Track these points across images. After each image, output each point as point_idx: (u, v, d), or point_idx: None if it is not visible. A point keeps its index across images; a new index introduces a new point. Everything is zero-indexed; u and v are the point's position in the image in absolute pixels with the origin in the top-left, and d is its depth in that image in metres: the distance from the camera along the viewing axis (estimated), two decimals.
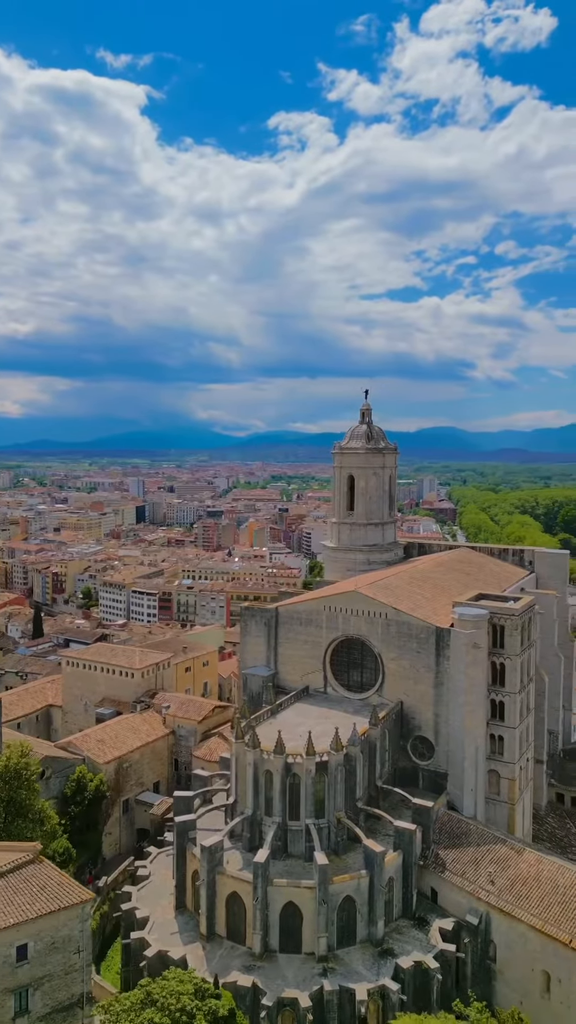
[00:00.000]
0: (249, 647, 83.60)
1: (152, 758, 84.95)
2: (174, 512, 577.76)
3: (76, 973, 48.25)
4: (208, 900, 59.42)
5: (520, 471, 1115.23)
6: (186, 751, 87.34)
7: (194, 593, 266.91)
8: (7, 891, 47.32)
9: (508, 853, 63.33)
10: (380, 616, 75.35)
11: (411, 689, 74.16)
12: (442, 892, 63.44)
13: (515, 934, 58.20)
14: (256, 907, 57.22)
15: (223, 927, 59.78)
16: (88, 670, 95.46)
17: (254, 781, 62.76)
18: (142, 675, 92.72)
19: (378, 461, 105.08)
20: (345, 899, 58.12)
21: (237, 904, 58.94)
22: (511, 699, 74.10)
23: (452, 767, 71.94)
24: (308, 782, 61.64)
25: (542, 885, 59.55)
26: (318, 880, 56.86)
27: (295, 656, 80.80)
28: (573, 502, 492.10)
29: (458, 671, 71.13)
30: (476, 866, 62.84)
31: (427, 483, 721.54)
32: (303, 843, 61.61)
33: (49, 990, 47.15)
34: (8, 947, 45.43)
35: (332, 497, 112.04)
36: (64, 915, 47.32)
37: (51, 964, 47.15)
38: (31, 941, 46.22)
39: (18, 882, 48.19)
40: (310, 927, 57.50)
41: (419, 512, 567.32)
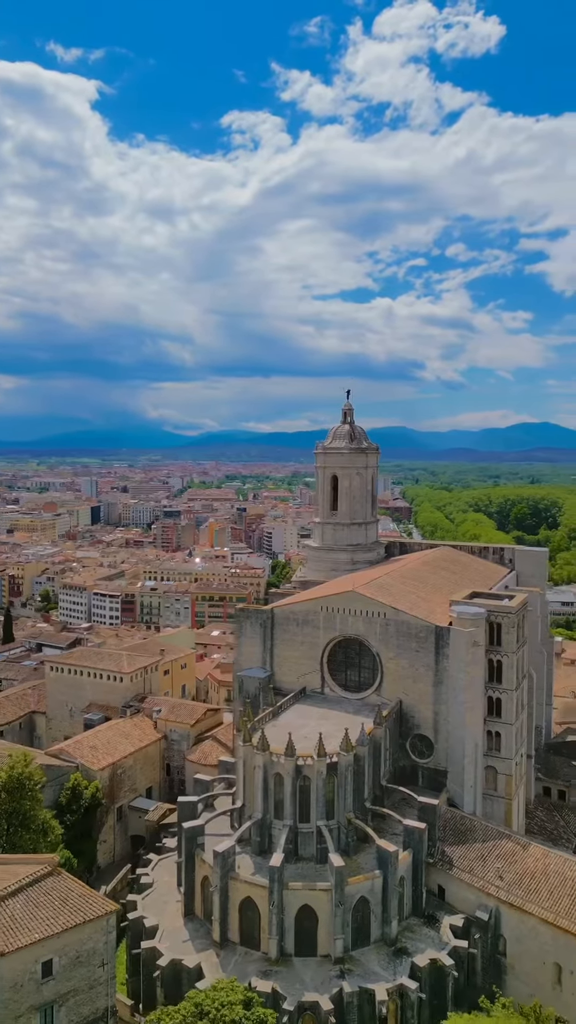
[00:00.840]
0: (244, 649, 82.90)
1: (145, 763, 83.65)
2: (130, 512, 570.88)
3: (100, 987, 47.18)
4: (221, 906, 58.73)
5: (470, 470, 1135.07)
6: (179, 756, 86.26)
7: (158, 595, 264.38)
8: (28, 905, 45.98)
9: (514, 848, 64.15)
10: (379, 616, 75.55)
11: (410, 688, 74.54)
12: (450, 889, 63.90)
13: (526, 928, 58.96)
14: (272, 911, 56.78)
15: (236, 933, 59.16)
16: (73, 675, 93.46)
17: (263, 784, 62.24)
18: (131, 679, 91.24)
19: (361, 461, 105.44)
20: (359, 900, 58.13)
21: (251, 909, 58.39)
22: (508, 696, 75.14)
23: (452, 764, 72.53)
24: (319, 784, 61.42)
25: (550, 879, 60.46)
26: (334, 882, 56.72)
27: (292, 657, 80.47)
28: (525, 500, 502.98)
29: (458, 669, 71.76)
30: (483, 862, 63.49)
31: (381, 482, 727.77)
32: (314, 845, 61.34)
33: (74, 1005, 45.98)
34: (34, 963, 44.16)
35: (316, 497, 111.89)
36: (89, 928, 46.22)
37: (76, 979, 45.98)
38: (56, 956, 45.02)
39: (39, 895, 46.87)
40: (326, 929, 57.31)
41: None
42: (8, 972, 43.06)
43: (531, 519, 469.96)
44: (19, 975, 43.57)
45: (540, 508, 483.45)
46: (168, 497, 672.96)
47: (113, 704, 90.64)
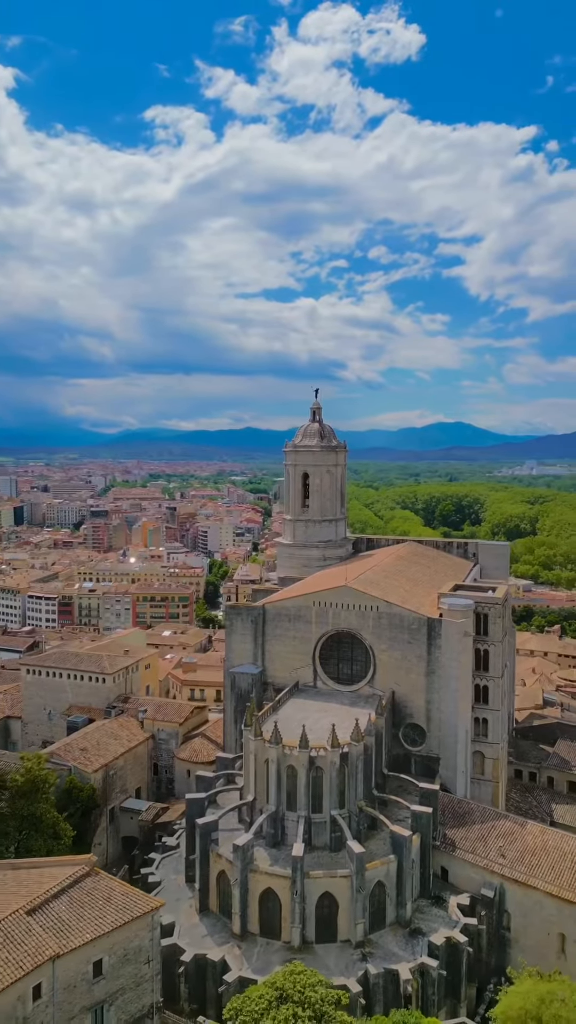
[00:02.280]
0: (235, 645, 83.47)
1: (134, 764, 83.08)
2: (54, 512, 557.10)
3: (146, 984, 47.23)
4: (241, 899, 59.41)
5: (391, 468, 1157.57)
6: (167, 755, 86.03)
7: (97, 596, 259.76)
8: (74, 906, 45.62)
9: (512, 827, 67.31)
10: (371, 609, 77.55)
11: (403, 679, 76.86)
12: (453, 870, 66.46)
13: (530, 902, 62.07)
14: (295, 901, 57.88)
15: (256, 925, 59.96)
16: (52, 677, 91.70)
17: (277, 777, 63.21)
18: (114, 680, 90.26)
19: (331, 459, 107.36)
20: (376, 885, 59.91)
21: (271, 900, 59.32)
22: (495, 683, 78.46)
23: (444, 751, 75.29)
24: (332, 774, 62.85)
25: (550, 854, 63.81)
26: (355, 868, 58.30)
27: (283, 652, 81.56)
28: (449, 498, 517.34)
29: (450, 659, 74.53)
30: (484, 842, 66.36)
31: None
32: (328, 834, 62.70)
33: (122, 1003, 45.91)
34: (86, 964, 43.88)
35: (286, 494, 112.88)
36: (135, 925, 46.22)
37: (124, 977, 45.91)
38: (106, 955, 44.86)
39: (81, 896, 46.53)
40: (346, 915, 58.84)
41: None
42: (62, 974, 42.69)
43: (455, 515, 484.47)
44: (72, 976, 43.26)
45: (464, 505, 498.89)
46: (93, 496, 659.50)
47: (96, 706, 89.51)
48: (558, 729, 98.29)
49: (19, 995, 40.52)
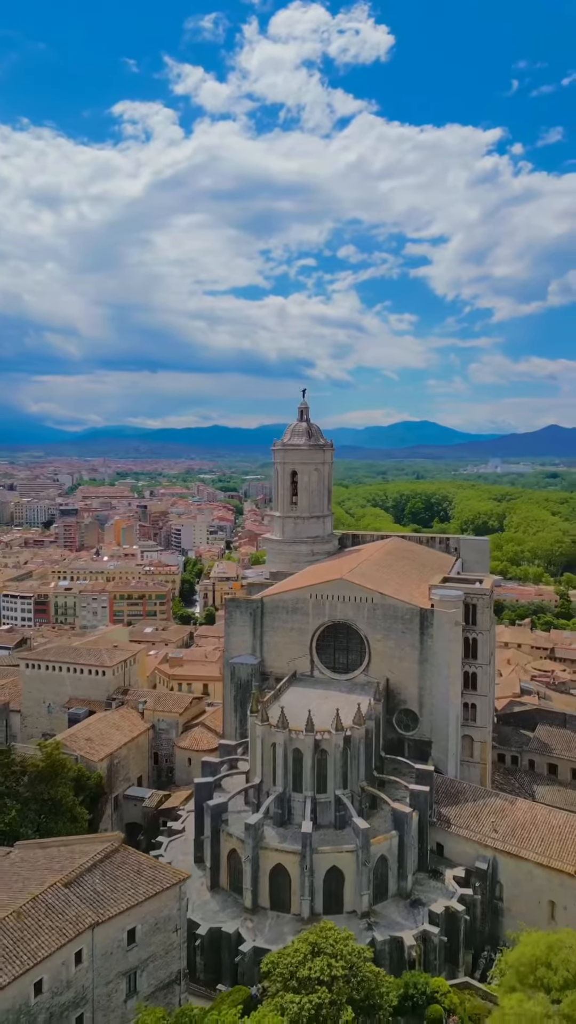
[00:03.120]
0: (234, 637, 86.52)
1: (136, 753, 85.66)
2: (23, 511, 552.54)
3: (174, 951, 50.21)
4: (252, 875, 62.61)
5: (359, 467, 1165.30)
6: (167, 744, 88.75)
7: (73, 595, 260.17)
8: (106, 879, 48.43)
9: (503, 805, 71.49)
10: (366, 601, 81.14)
11: (396, 667, 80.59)
12: (448, 845, 70.42)
13: (522, 873, 66.24)
14: (304, 875, 61.25)
15: (266, 899, 63.22)
16: (52, 671, 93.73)
17: (284, 760, 66.47)
18: (113, 673, 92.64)
19: (319, 457, 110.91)
20: (379, 859, 63.55)
21: (281, 875, 62.62)
22: (483, 670, 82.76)
23: (436, 735, 79.20)
24: (336, 756, 66.33)
25: (539, 828, 68.05)
26: (360, 843, 61.87)
27: (281, 643, 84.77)
28: (418, 495, 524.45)
29: (442, 647, 78.47)
30: (477, 818, 70.42)
31: None
32: (332, 813, 66.15)
33: (153, 970, 48.86)
34: (120, 932, 46.76)
35: (274, 492, 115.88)
36: (165, 896, 49.17)
37: (154, 945, 48.85)
38: (139, 924, 47.76)
39: (113, 869, 49.37)
40: (351, 887, 62.40)
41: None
42: (101, 941, 45.50)
43: (425, 513, 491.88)
44: (109, 943, 46.09)
45: (433, 502, 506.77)
46: (61, 495, 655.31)
47: (96, 698, 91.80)
48: (538, 715, 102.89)
49: (63, 960, 43.31)
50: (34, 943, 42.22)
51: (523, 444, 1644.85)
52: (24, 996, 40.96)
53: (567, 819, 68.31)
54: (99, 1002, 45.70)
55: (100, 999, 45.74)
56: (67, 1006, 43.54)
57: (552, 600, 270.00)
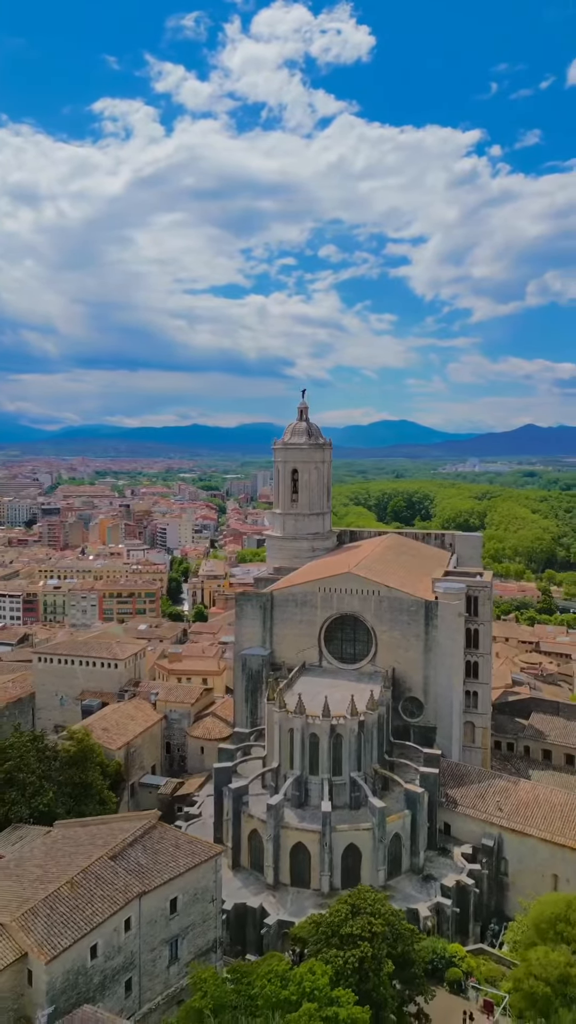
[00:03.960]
0: (244, 629, 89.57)
1: (150, 743, 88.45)
2: (4, 510, 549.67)
3: (211, 920, 53.23)
4: (274, 853, 65.82)
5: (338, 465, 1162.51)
6: (179, 734, 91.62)
7: (62, 593, 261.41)
8: (148, 852, 51.32)
9: (506, 785, 75.32)
10: (373, 594, 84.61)
11: (402, 657, 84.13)
12: (455, 824, 74.12)
13: (526, 848, 70.08)
14: (324, 852, 64.60)
15: (287, 876, 66.48)
16: (64, 664, 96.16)
17: (301, 744, 69.73)
18: (125, 665, 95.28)
19: (319, 456, 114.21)
20: (394, 836, 67.05)
21: (301, 853, 65.93)
22: (484, 659, 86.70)
23: (440, 721, 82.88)
24: (351, 740, 69.73)
25: (542, 806, 71.93)
26: (377, 821, 65.36)
27: (290, 635, 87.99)
28: (400, 494, 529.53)
29: (446, 637, 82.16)
30: (483, 799, 74.19)
31: (261, 478, 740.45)
32: (348, 794, 69.60)
33: (192, 938, 51.84)
34: (164, 901, 49.67)
35: (275, 489, 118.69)
36: (203, 868, 52.15)
37: (194, 914, 51.84)
38: (180, 894, 50.70)
39: (153, 843, 52.25)
40: (368, 863, 65.86)
41: (259, 506, 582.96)
42: (147, 909, 48.41)
43: (407, 511, 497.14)
44: (154, 912, 49.00)
45: (414, 501, 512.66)
46: (41, 494, 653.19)
47: (108, 690, 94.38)
48: (532, 704, 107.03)
49: (115, 927, 46.22)
50: (88, 910, 45.08)
51: (500, 443, 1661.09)
52: (82, 959, 43.83)
53: (568, 797, 72.26)
54: (145, 967, 48.63)
55: (146, 964, 48.67)
56: (118, 970, 46.45)
57: (534, 596, 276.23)
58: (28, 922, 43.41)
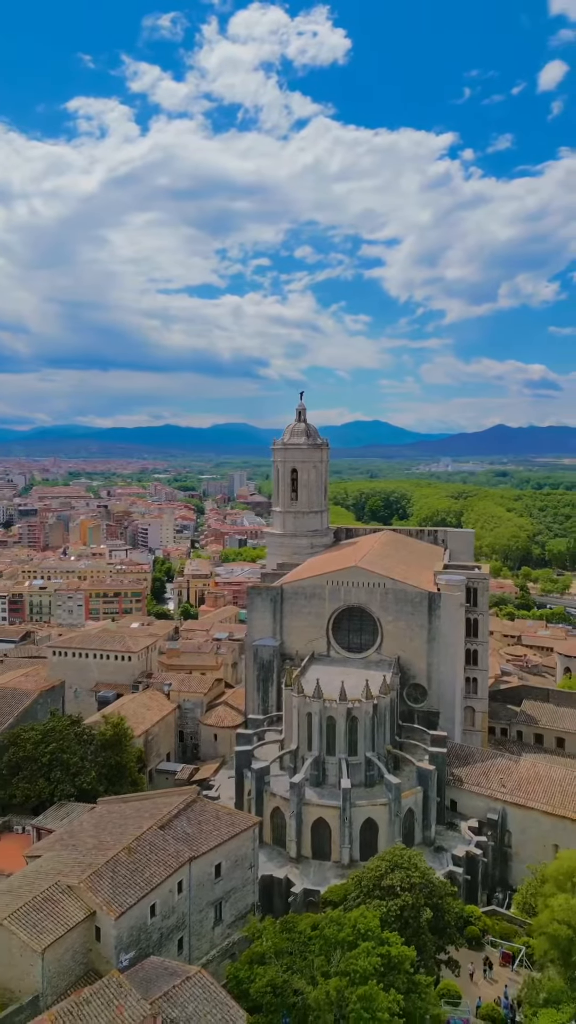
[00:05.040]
0: (256, 621, 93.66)
1: (165, 731, 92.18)
2: None
3: (249, 886, 57.47)
4: (297, 828, 70.12)
5: None
6: (192, 722, 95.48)
7: (48, 593, 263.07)
8: (192, 823, 55.36)
9: (508, 764, 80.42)
10: (379, 586, 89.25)
11: (407, 646, 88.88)
12: (461, 801, 79.04)
13: (529, 820, 75.16)
14: (344, 826, 69.06)
15: (309, 849, 70.83)
16: (79, 658, 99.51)
17: (319, 727, 74.13)
18: (139, 658, 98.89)
19: (317, 455, 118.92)
20: (407, 811, 71.74)
21: (322, 828, 70.34)
22: (483, 647, 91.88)
23: (443, 706, 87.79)
24: (366, 722, 74.29)
25: (542, 781, 77.10)
26: (393, 797, 69.99)
27: (299, 627, 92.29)
28: (378, 493, 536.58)
29: (449, 627, 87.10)
30: (487, 776, 79.21)
31: (237, 478, 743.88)
32: (363, 773, 74.14)
33: (233, 901, 55.99)
34: (210, 867, 53.79)
35: (275, 488, 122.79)
36: (243, 836, 56.37)
37: (235, 879, 56.00)
38: (223, 860, 54.85)
39: (196, 815, 56.31)
40: (384, 836, 70.39)
41: (236, 506, 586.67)
42: (196, 874, 52.43)
43: (384, 511, 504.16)
44: (202, 876, 53.05)
45: (391, 500, 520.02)
46: (16, 495, 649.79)
47: (122, 682, 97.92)
48: (523, 691, 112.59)
49: (170, 888, 50.24)
50: (147, 873, 49.06)
51: (472, 444, 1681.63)
52: (143, 917, 47.79)
53: (567, 772, 77.54)
54: (194, 927, 52.69)
55: (195, 925, 52.73)
56: (172, 929, 50.46)
57: (512, 592, 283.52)
58: (94, 884, 47.27)
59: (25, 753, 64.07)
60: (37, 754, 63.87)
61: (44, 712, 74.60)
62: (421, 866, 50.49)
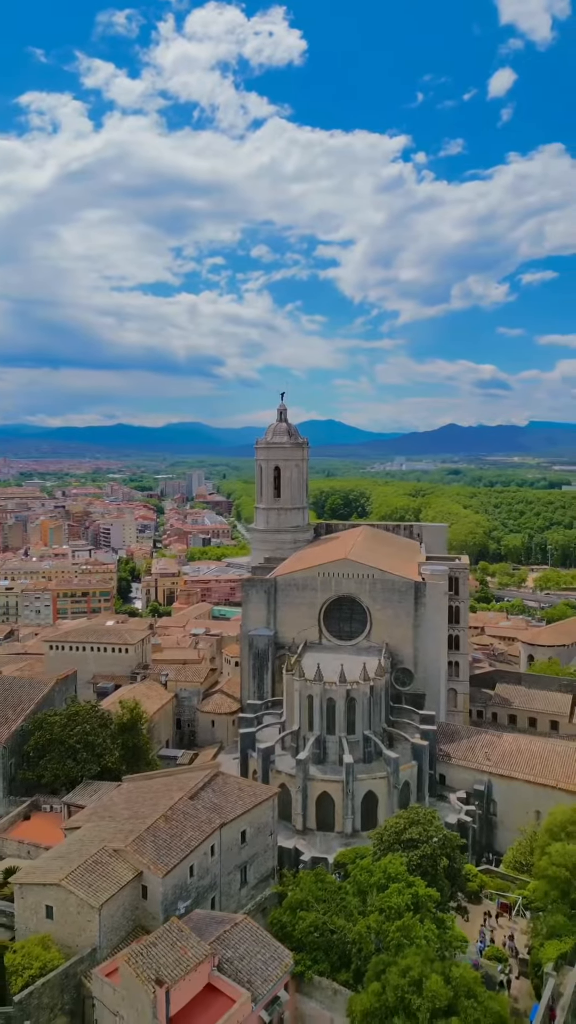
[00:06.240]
0: (251, 612, 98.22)
1: (164, 719, 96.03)
2: None
3: (269, 851, 62.03)
4: (303, 802, 75.00)
5: None
6: (188, 711, 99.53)
7: (15, 593, 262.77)
8: (217, 794, 59.74)
9: (492, 739, 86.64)
10: (368, 577, 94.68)
11: (394, 633, 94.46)
12: (449, 775, 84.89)
13: (512, 790, 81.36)
14: (347, 799, 74.19)
15: (313, 821, 75.75)
16: (76, 651, 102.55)
17: (320, 708, 79.11)
18: (135, 650, 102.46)
19: (298, 454, 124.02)
20: (404, 784, 77.24)
21: (326, 801, 75.34)
22: (464, 633, 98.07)
23: (429, 689, 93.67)
24: (364, 702, 79.55)
25: (523, 754, 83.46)
26: (391, 770, 75.40)
27: (292, 617, 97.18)
28: (337, 492, 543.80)
29: (433, 614, 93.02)
30: (472, 751, 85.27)
31: (195, 477, 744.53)
32: (361, 749, 79.35)
33: (256, 865, 60.53)
34: (237, 833, 58.22)
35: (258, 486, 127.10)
36: (264, 806, 60.89)
37: (257, 845, 60.54)
38: (247, 827, 59.33)
39: (220, 787, 60.70)
40: (384, 807, 75.76)
41: (196, 505, 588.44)
42: (225, 839, 56.79)
43: (344, 509, 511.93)
44: (230, 842, 57.45)
45: (351, 499, 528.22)
46: None
47: (119, 673, 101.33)
48: (496, 676, 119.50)
49: (204, 851, 54.58)
50: (184, 837, 53.29)
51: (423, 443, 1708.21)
52: (184, 876, 52.04)
53: (545, 745, 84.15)
54: (224, 888, 57.08)
55: (224, 886, 57.12)
56: (205, 889, 54.80)
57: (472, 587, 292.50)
58: (139, 847, 51.36)
59: (52, 736, 67.52)
60: (64, 736, 67.41)
61: (60, 700, 77.82)
62: (436, 821, 55.90)
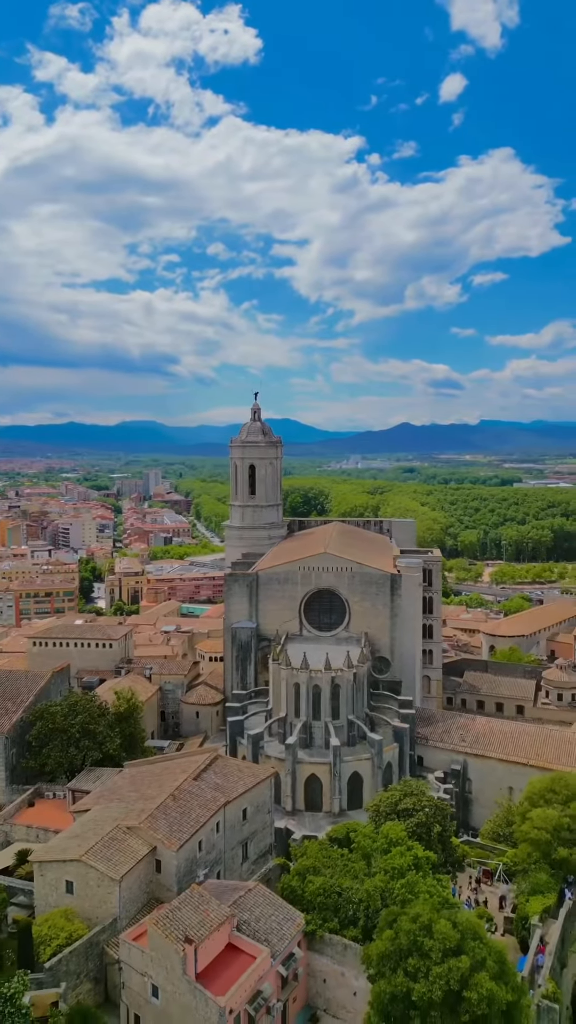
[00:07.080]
0: (233, 606, 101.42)
1: (149, 712, 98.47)
2: None
3: (267, 829, 65.52)
4: (292, 785, 78.65)
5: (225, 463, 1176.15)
6: (172, 703, 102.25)
7: None
8: (219, 775, 62.98)
9: (466, 722, 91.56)
10: (346, 570, 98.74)
11: (372, 623, 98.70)
12: (427, 756, 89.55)
13: (486, 768, 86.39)
14: (334, 780, 78.10)
15: (302, 802, 79.47)
16: (59, 647, 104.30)
17: (307, 695, 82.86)
18: (118, 644, 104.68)
19: (273, 452, 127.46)
20: (387, 765, 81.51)
21: (315, 783, 79.16)
22: (437, 623, 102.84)
23: (405, 676, 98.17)
24: (348, 689, 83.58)
25: (495, 735, 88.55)
26: (375, 752, 79.57)
27: (274, 609, 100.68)
28: (296, 490, 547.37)
29: (409, 604, 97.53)
30: (448, 733, 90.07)
31: (152, 477, 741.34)
32: (345, 733, 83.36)
33: (256, 841, 63.97)
34: (239, 810, 61.58)
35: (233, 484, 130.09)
36: (263, 785, 64.31)
37: (256, 822, 63.99)
38: (248, 806, 62.73)
39: (222, 768, 63.97)
40: (368, 787, 79.92)
41: (154, 504, 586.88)
42: (229, 816, 60.09)
43: (303, 506, 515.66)
44: (233, 819, 60.76)
45: (310, 497, 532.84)
46: None
47: (103, 668, 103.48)
48: (464, 664, 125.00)
49: (211, 828, 57.85)
50: (193, 815, 56.51)
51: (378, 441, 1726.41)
52: (194, 851, 55.25)
53: (516, 727, 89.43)
54: (227, 863, 60.41)
55: (228, 860, 60.46)
56: (212, 863, 58.06)
57: None
58: (152, 824, 54.38)
59: (55, 725, 69.80)
60: (66, 725, 69.76)
61: (56, 691, 79.96)
62: (427, 792, 60.08)
